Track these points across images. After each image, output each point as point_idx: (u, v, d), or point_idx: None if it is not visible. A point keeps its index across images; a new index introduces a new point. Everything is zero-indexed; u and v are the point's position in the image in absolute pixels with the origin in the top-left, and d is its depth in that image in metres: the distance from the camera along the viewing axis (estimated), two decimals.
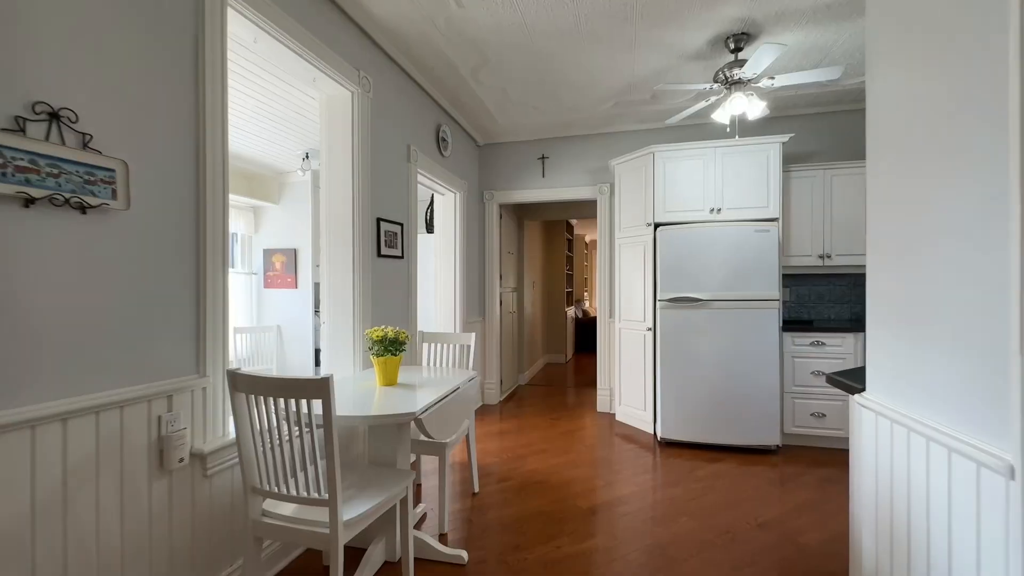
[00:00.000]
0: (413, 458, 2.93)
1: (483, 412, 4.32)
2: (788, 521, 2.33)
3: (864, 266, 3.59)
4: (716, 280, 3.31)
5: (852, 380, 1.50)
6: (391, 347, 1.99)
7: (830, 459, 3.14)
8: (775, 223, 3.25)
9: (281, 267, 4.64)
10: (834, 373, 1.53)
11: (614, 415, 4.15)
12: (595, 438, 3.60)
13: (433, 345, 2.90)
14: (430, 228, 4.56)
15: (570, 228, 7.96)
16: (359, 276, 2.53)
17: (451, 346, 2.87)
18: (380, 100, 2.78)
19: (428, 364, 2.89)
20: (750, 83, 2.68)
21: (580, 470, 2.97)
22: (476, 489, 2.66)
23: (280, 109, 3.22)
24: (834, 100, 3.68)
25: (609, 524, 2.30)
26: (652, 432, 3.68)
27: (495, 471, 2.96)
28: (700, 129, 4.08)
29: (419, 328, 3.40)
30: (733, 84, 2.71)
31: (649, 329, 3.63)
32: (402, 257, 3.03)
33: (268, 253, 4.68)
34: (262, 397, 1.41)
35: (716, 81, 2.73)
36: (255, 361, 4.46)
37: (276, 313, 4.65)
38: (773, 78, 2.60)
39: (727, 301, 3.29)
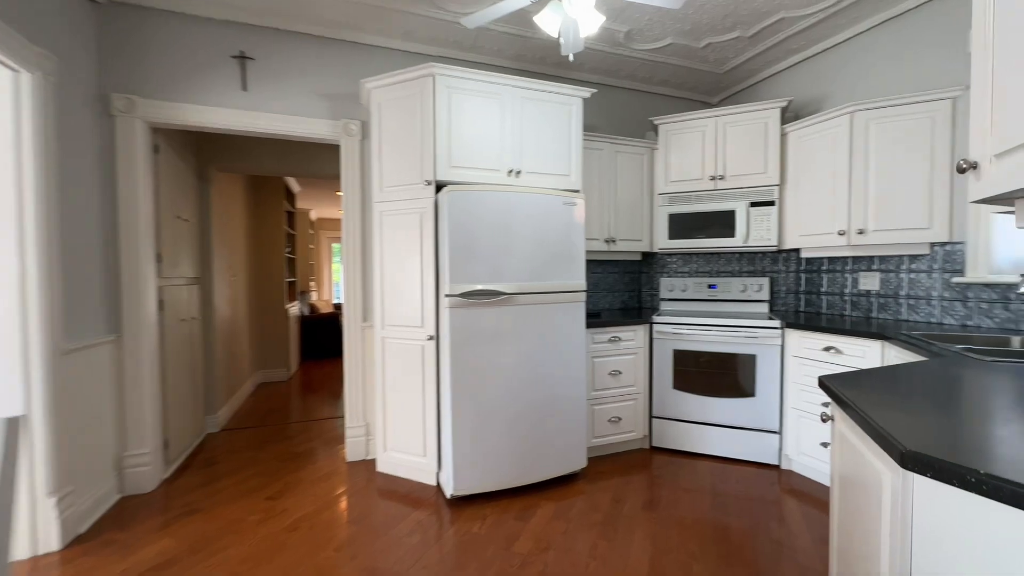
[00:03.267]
0: None
1: (117, 521, 2.24)
2: None
3: (640, 252, 3.51)
4: (522, 266, 2.44)
5: (891, 430, 0.77)
6: None
7: (626, 467, 2.77)
8: (579, 195, 2.63)
9: None
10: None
11: (375, 464, 2.83)
12: (350, 521, 2.22)
13: None
14: None
15: (291, 196, 5.93)
16: None
17: None
18: None
19: None
20: None
21: None
22: None
23: None
24: (613, 70, 3.38)
25: None
26: (436, 484, 2.56)
27: None
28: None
29: None
30: None
31: (431, 337, 2.48)
32: None
33: None
34: None
35: None
36: None
37: None
38: None
39: (535, 295, 2.48)
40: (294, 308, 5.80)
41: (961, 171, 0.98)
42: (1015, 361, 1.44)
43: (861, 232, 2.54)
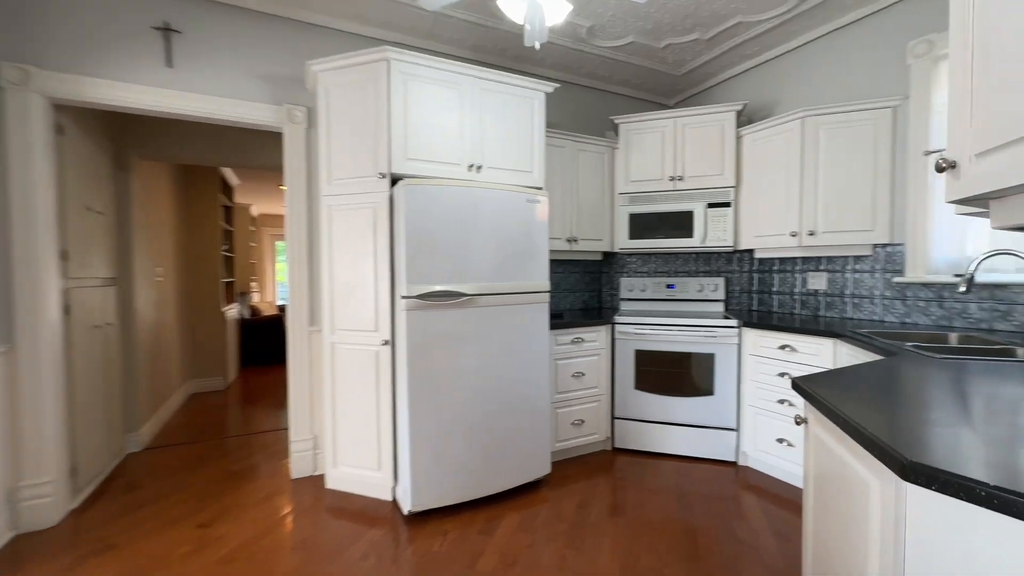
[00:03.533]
0: None
1: (10, 564, 1.90)
2: None
3: (602, 252, 3.48)
4: (484, 266, 2.33)
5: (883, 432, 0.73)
6: None
7: (590, 471, 2.72)
8: (542, 193, 2.54)
9: None
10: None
11: (323, 480, 2.60)
12: (296, 547, 2.01)
13: None
14: None
15: (228, 190, 5.47)
16: None
17: None
18: None
19: None
20: None
21: None
22: None
23: None
24: (574, 67, 3.33)
25: None
26: (392, 500, 2.39)
27: None
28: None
29: None
30: None
31: (386, 342, 2.31)
32: None
33: None
34: None
35: None
36: None
37: None
38: None
39: (498, 295, 2.37)
40: (232, 311, 5.35)
41: (940, 170, 0.97)
42: (962, 358, 1.50)
43: (812, 234, 2.63)
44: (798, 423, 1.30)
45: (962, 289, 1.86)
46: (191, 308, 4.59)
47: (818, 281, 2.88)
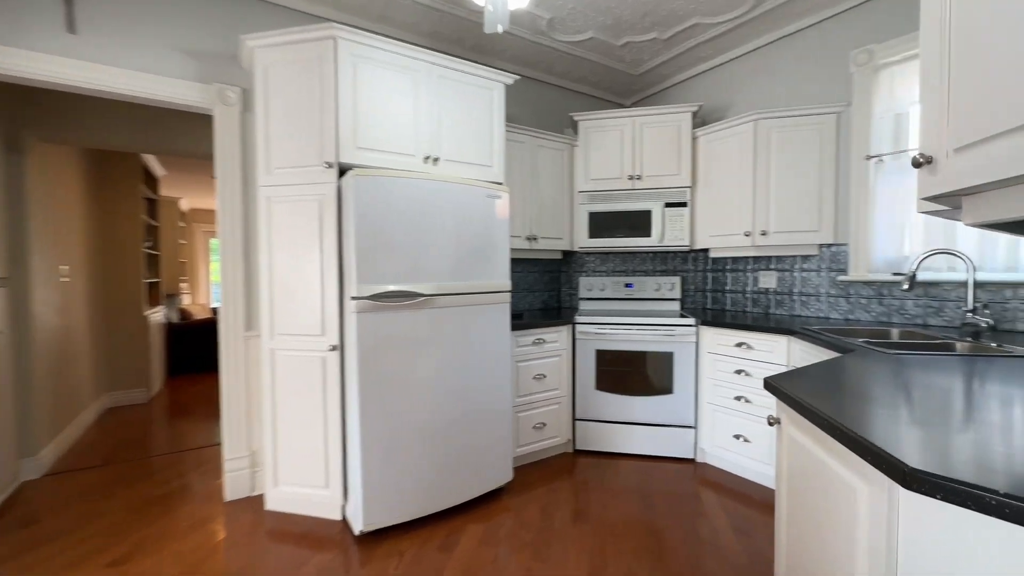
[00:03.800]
0: None
1: None
2: None
3: (562, 251, 3.43)
4: (442, 264, 2.18)
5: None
6: None
7: (552, 475, 2.65)
8: (503, 188, 2.43)
9: None
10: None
11: (263, 501, 2.36)
12: None
13: None
14: None
15: (152, 181, 4.94)
16: None
17: None
18: None
19: None
20: None
21: None
22: None
23: None
24: (532, 61, 3.25)
25: None
26: (341, 519, 2.20)
27: None
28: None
29: None
30: None
31: (334, 348, 2.11)
32: None
33: None
34: None
35: None
36: None
37: None
38: None
39: (456, 296, 2.23)
40: (157, 314, 4.84)
41: (916, 165, 0.96)
42: (914, 353, 1.55)
43: (764, 233, 2.70)
44: (771, 424, 1.27)
45: (905, 287, 1.95)
46: (106, 312, 4.09)
47: (769, 280, 2.98)
